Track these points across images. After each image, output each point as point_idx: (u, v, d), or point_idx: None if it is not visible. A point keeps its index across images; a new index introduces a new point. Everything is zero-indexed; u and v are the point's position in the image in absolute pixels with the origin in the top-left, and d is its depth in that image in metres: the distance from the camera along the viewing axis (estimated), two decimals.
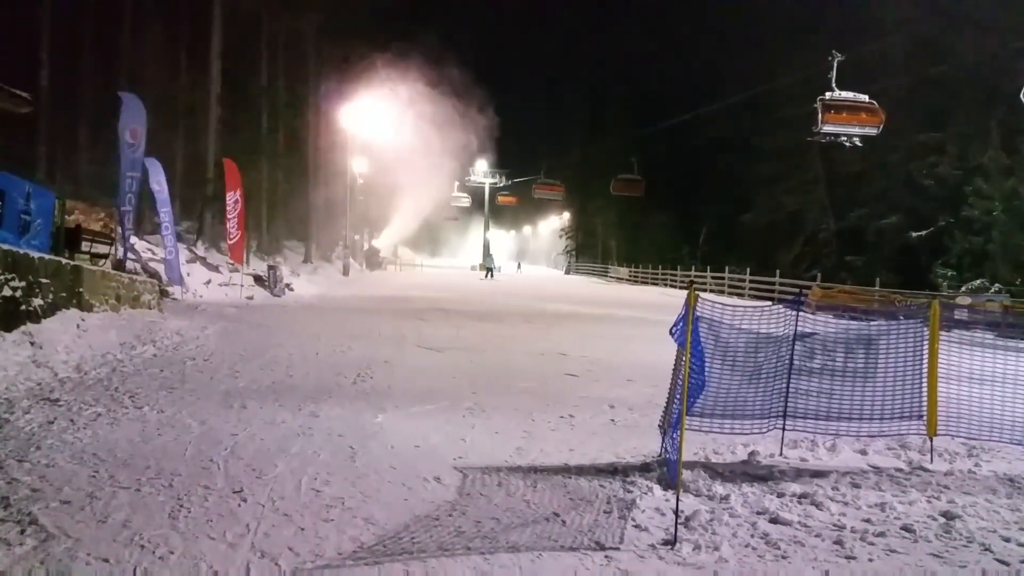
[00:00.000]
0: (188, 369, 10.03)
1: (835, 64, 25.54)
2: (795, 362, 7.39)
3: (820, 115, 25.29)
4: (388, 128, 45.18)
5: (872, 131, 25.75)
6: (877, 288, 30.56)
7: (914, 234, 41.75)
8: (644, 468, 6.64)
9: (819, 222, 54.30)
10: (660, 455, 7.04)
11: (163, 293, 17.27)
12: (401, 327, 16.32)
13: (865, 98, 25.47)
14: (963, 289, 34.91)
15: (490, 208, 72.25)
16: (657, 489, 5.99)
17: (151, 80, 27.16)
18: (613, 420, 8.48)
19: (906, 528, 5.39)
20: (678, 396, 7.00)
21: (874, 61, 41.47)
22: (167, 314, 14.98)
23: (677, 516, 5.01)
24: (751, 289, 37.15)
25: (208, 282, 21.43)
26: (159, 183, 18.41)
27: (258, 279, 23.67)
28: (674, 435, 6.55)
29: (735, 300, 36.21)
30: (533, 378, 10.77)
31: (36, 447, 6.04)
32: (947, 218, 38.69)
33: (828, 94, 25.24)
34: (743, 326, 7.32)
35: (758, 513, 5.59)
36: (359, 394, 9.04)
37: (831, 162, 51.06)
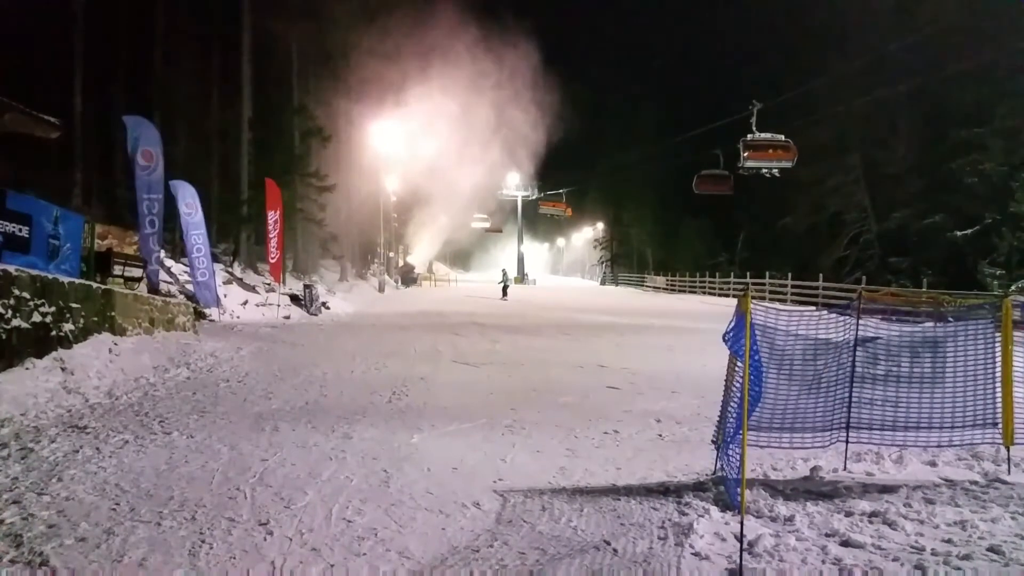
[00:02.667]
0: (221, 391, 9.79)
1: (755, 112, 29.54)
2: (857, 369, 6.91)
3: (743, 153, 29.42)
4: (421, 144, 45.17)
5: (787, 164, 30.00)
6: (924, 290, 29.67)
7: (959, 233, 40.52)
8: (698, 487, 6.19)
9: (861, 224, 53.11)
10: (714, 472, 6.59)
11: (199, 315, 17.17)
12: (436, 342, 16.01)
13: (781, 137, 29.51)
14: (1013, 288, 33.76)
15: (524, 221, 71.94)
16: (715, 511, 5.55)
17: (184, 105, 27.36)
18: (660, 435, 8.03)
19: (993, 550, 4.89)
20: (731, 408, 6.57)
21: (912, 56, 40.54)
22: (202, 336, 14.83)
23: (742, 544, 4.56)
24: (793, 294, 36.26)
25: (245, 303, 21.36)
26: (188, 205, 18.33)
27: (294, 298, 23.56)
28: (729, 451, 6.11)
29: (778, 306, 35.44)
30: (573, 392, 10.35)
31: (58, 478, 5.77)
32: (993, 215, 37.47)
33: (749, 136, 29.23)
34: (799, 332, 6.87)
35: (827, 535, 5.13)
36: (394, 413, 8.71)
37: (871, 163, 50.05)
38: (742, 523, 4.65)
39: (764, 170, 30.73)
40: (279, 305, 21.53)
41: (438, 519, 5.08)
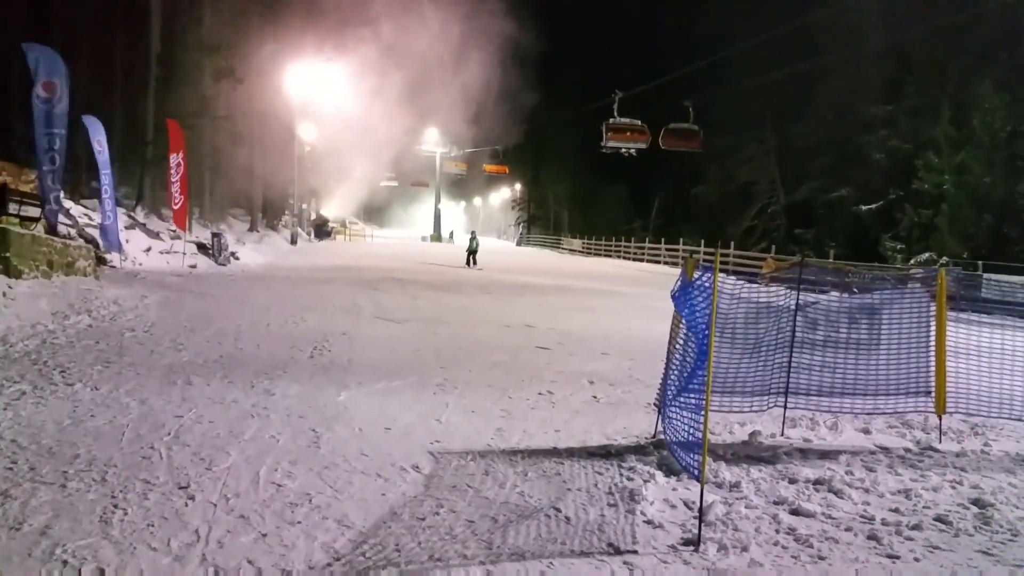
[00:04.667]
0: (126, 341, 9.11)
1: (616, 99, 33.90)
2: (796, 334, 6.86)
3: (605, 134, 33.94)
4: (338, 93, 43.65)
5: (642, 145, 34.77)
6: (831, 261, 30.61)
7: (864, 207, 41.96)
8: (639, 451, 6.04)
9: (769, 195, 54.57)
10: (654, 436, 6.45)
11: (100, 260, 16.12)
12: (356, 297, 15.48)
13: (638, 122, 34.23)
14: (912, 261, 35.30)
15: (442, 179, 70.86)
16: (659, 475, 5.40)
17: (86, 36, 25.42)
18: (595, 397, 7.86)
19: (941, 519, 4.88)
20: (674, 372, 6.42)
21: (828, 33, 41.36)
22: (104, 282, 13.92)
23: (701, 517, 4.38)
24: (705, 262, 36.79)
25: (148, 249, 20.29)
26: (100, 143, 17.08)
27: (201, 247, 22.49)
28: (671, 413, 5.97)
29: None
30: (503, 351, 10.08)
31: None
32: (897, 191, 38.89)
33: (611, 119, 33.63)
34: (741, 295, 6.77)
35: (775, 503, 5.05)
36: (317, 369, 8.25)
37: (784, 135, 51.20)
38: (702, 493, 4.46)
39: (623, 149, 35.10)
40: (185, 253, 20.51)
41: (376, 483, 4.71)
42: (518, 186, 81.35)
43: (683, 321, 6.09)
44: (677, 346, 6.02)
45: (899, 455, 6.46)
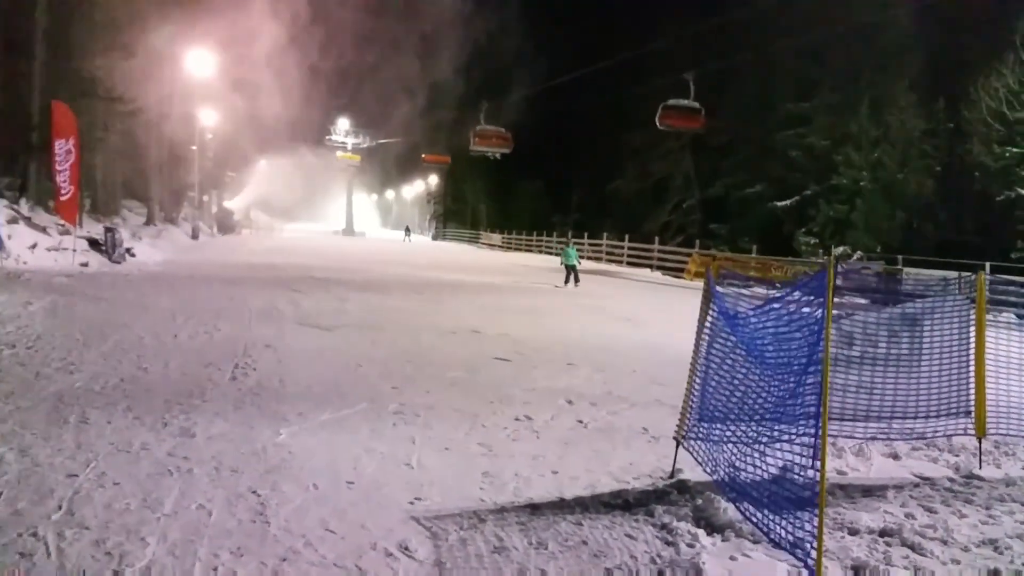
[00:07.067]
0: (4, 361, 7.48)
1: (484, 109, 36.11)
2: (831, 351, 5.85)
3: (472, 140, 36.50)
4: (242, 77, 41.20)
5: (506, 150, 37.31)
6: (755, 256, 30.49)
7: (779, 203, 42.35)
8: (661, 497, 4.94)
9: (685, 191, 54.80)
10: (671, 475, 5.34)
11: None
12: (274, 300, 13.88)
13: (502, 129, 36.43)
14: (838, 251, 35.68)
15: (352, 171, 68.57)
16: (702, 535, 4.30)
17: None
18: (581, 422, 6.69)
19: None
20: (695, 396, 5.35)
21: (747, 30, 41.38)
22: None
23: None
24: (629, 257, 36.40)
25: (34, 246, 18.20)
26: None
27: (93, 243, 20.39)
28: (705, 447, 4.93)
29: (615, 267, 35.37)
30: (458, 365, 8.80)
31: None
32: (813, 187, 39.32)
33: (478, 127, 36.08)
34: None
35: (854, 569, 3.99)
36: (243, 395, 6.79)
37: (698, 131, 51.36)
38: None
39: (489, 153, 37.71)
40: (75, 250, 18.43)
41: None
42: (434, 179, 79.47)
43: (725, 339, 4.99)
44: (725, 367, 4.91)
45: (946, 487, 5.58)
